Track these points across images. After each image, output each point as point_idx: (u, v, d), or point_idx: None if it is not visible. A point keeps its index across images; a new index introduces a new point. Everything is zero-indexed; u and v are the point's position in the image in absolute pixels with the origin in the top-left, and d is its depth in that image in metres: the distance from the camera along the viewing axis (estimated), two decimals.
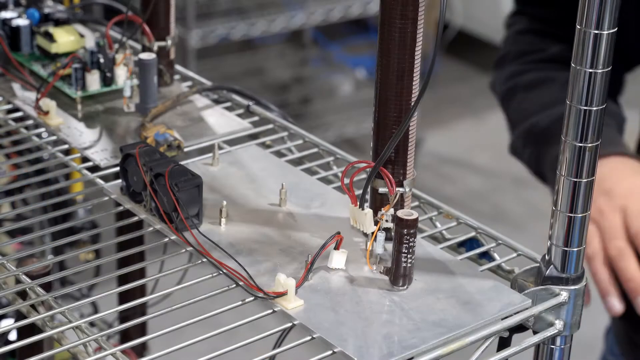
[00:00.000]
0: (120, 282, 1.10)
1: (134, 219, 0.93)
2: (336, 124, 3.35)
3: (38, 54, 1.18)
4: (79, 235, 1.00)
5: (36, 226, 1.31)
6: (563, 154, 0.81)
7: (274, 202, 0.95)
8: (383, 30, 0.85)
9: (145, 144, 0.93)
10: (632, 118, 1.34)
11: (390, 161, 0.88)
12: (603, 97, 0.79)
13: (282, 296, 0.81)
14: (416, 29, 0.84)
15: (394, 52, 0.85)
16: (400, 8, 0.83)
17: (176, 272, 0.89)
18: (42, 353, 0.79)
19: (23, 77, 1.13)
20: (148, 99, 1.09)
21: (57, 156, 1.04)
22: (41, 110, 1.07)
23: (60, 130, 1.06)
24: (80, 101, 1.11)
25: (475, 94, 3.69)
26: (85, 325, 0.81)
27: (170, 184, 0.88)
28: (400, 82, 0.86)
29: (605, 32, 0.77)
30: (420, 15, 0.84)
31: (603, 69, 0.78)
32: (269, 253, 0.88)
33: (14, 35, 1.16)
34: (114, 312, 0.87)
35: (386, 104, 0.87)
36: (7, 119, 1.09)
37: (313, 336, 0.79)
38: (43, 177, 1.08)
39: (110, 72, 1.12)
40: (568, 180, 0.81)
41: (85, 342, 0.79)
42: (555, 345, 0.84)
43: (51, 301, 0.83)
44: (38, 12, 1.19)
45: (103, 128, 1.08)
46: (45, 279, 0.87)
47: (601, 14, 0.76)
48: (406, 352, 0.77)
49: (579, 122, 0.79)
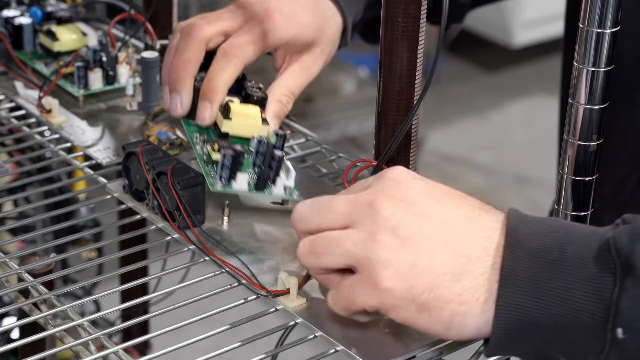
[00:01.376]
0: (122, 280, 1.10)
1: (136, 217, 0.93)
2: (339, 122, 3.35)
3: (40, 52, 1.18)
4: (81, 233, 1.00)
5: (38, 224, 1.31)
6: (565, 152, 0.81)
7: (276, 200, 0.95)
8: (386, 28, 0.85)
9: (147, 143, 0.93)
10: (553, 103, 1.28)
11: (393, 160, 0.88)
12: (605, 96, 0.79)
13: (284, 294, 0.81)
14: (419, 27, 0.84)
15: (396, 51, 0.85)
16: (403, 6, 0.83)
17: (178, 270, 0.89)
18: (44, 351, 0.79)
19: (25, 76, 1.13)
20: (150, 97, 1.09)
21: (60, 154, 1.04)
22: (44, 108, 1.07)
23: (62, 129, 1.06)
24: (83, 99, 1.11)
25: (478, 92, 3.68)
26: (88, 323, 0.81)
27: (173, 182, 0.88)
28: (403, 80, 0.86)
29: (608, 31, 0.77)
30: (423, 13, 0.84)
31: (606, 67, 0.78)
32: (271, 251, 0.88)
33: (16, 34, 1.16)
34: (116, 311, 0.87)
35: (388, 102, 0.86)
36: (9, 117, 1.09)
37: (315, 335, 0.79)
38: (45, 175, 1.08)
39: (113, 70, 1.12)
40: (571, 179, 0.81)
41: (88, 341, 0.79)
42: None
43: (53, 299, 0.83)
44: (41, 11, 1.19)
45: (105, 126, 1.08)
46: (48, 277, 0.87)
47: (604, 13, 0.76)
48: (408, 351, 0.77)
49: (582, 121, 0.79)
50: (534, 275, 0.70)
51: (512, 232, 0.71)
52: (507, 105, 3.66)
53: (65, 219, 1.23)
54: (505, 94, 3.70)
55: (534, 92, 3.58)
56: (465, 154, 3.42)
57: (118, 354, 0.78)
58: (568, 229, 0.72)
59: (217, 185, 0.87)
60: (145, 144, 0.92)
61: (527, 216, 0.73)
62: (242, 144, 0.92)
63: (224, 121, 0.92)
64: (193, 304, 0.83)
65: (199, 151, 0.92)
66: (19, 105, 1.10)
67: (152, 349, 1.31)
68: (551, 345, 0.71)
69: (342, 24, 1.03)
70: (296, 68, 1.01)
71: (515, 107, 3.64)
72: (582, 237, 0.71)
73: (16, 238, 1.06)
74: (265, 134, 0.92)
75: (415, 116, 0.86)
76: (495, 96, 3.69)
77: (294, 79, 1.01)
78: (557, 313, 0.70)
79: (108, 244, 0.97)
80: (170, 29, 1.15)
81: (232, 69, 0.97)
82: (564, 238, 0.70)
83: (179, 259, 0.89)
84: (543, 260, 0.70)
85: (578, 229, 0.72)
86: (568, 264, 0.70)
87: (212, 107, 0.95)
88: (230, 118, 0.92)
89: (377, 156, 0.89)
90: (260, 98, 0.96)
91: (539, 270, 0.70)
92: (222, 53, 0.97)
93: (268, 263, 0.86)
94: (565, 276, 0.69)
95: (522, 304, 0.70)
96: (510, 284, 0.70)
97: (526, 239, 0.71)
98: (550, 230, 0.71)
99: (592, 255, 0.69)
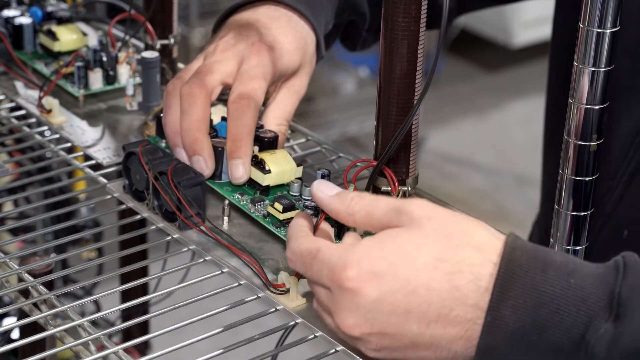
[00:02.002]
0: (122, 280, 1.10)
1: (137, 217, 0.93)
2: (339, 122, 3.35)
3: (41, 52, 1.18)
4: (82, 233, 1.00)
5: (39, 224, 1.31)
6: (566, 152, 0.81)
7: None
8: (386, 28, 0.85)
9: (148, 143, 0.93)
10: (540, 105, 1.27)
11: (393, 160, 0.88)
12: (605, 96, 0.79)
13: (285, 294, 0.81)
14: (419, 27, 0.84)
15: (396, 51, 0.85)
16: (403, 6, 0.83)
17: (178, 270, 0.89)
18: (44, 352, 0.79)
19: (26, 76, 1.13)
20: (151, 97, 1.09)
21: (60, 154, 1.04)
22: (44, 108, 1.07)
23: (62, 129, 1.06)
24: (83, 99, 1.11)
25: (478, 92, 3.69)
26: (88, 323, 0.81)
27: (173, 182, 0.88)
28: (403, 80, 0.86)
29: (608, 31, 0.77)
30: (423, 13, 0.84)
31: (606, 67, 0.78)
32: (271, 251, 0.88)
33: (16, 34, 1.16)
34: (116, 311, 0.87)
35: (389, 102, 0.87)
36: (10, 117, 1.09)
37: (315, 335, 0.79)
38: (45, 175, 1.08)
39: (113, 70, 1.12)
40: (571, 179, 0.81)
41: (88, 341, 0.79)
42: None
43: (53, 299, 0.83)
44: (41, 11, 1.19)
45: (106, 126, 1.08)
46: (48, 277, 0.87)
47: (604, 13, 0.76)
48: None
49: (582, 121, 0.79)
50: (508, 355, 0.70)
51: (494, 311, 0.70)
52: (507, 105, 3.66)
53: (66, 219, 1.23)
54: (505, 94, 3.71)
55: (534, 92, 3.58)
56: (465, 154, 3.42)
57: (118, 354, 0.78)
58: (554, 306, 0.69)
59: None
60: (145, 144, 0.92)
61: (518, 271, 0.70)
62: (281, 191, 0.91)
63: (265, 176, 0.90)
64: (193, 304, 0.83)
65: (254, 213, 0.90)
66: (19, 105, 1.10)
67: (152, 349, 1.31)
68: None
69: (315, 39, 1.02)
70: (287, 94, 0.99)
71: (515, 107, 3.64)
72: (566, 319, 0.69)
73: (16, 238, 1.06)
74: (300, 174, 0.92)
75: (415, 116, 0.86)
76: (495, 96, 3.69)
77: (286, 106, 0.99)
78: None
79: (108, 244, 0.97)
80: (170, 29, 1.15)
81: (251, 117, 0.92)
82: (546, 321, 0.69)
83: (179, 259, 0.89)
84: (521, 341, 0.70)
85: (568, 303, 0.69)
86: (544, 348, 0.69)
87: (245, 163, 0.91)
88: (270, 171, 0.90)
89: (377, 156, 0.89)
90: (273, 138, 0.94)
91: (515, 350, 0.70)
92: (235, 107, 0.92)
93: (268, 263, 0.86)
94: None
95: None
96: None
97: (508, 316, 0.70)
98: (535, 305, 0.69)
99: (570, 344, 0.69)
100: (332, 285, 0.73)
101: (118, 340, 1.37)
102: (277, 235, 0.88)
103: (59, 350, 0.79)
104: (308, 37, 1.01)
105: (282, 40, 0.97)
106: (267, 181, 0.90)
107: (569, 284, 0.70)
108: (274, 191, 0.90)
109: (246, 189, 0.92)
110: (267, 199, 0.90)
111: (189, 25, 3.15)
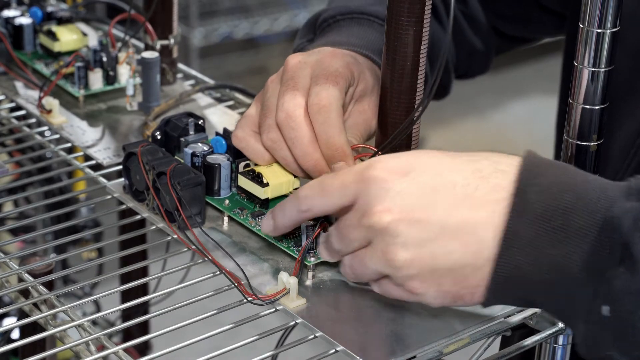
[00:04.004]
0: (122, 280, 1.10)
1: (137, 217, 0.93)
2: None
3: (41, 52, 1.18)
4: (82, 233, 1.00)
5: (39, 224, 1.31)
6: (566, 152, 0.81)
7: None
8: (389, 28, 0.85)
9: (148, 143, 0.93)
10: (553, 103, 1.27)
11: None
12: (605, 96, 0.79)
13: (284, 295, 0.81)
14: (422, 27, 0.84)
15: (399, 50, 0.85)
16: (406, 6, 0.83)
17: (178, 270, 0.89)
18: (44, 352, 0.79)
19: (26, 76, 1.14)
20: (151, 97, 1.09)
21: (60, 154, 1.04)
22: (44, 108, 1.07)
23: (62, 129, 1.06)
24: (83, 100, 1.11)
25: (479, 92, 3.68)
26: (88, 323, 0.81)
27: (173, 182, 0.88)
28: (405, 80, 0.85)
29: (608, 31, 0.77)
30: (427, 13, 0.84)
31: (606, 67, 0.78)
32: (271, 252, 0.88)
33: (16, 34, 1.17)
34: (116, 311, 0.87)
35: (390, 102, 0.86)
36: (10, 117, 1.09)
37: (315, 335, 0.79)
38: (46, 176, 1.08)
39: (113, 70, 1.12)
40: None
41: (88, 341, 0.79)
42: (557, 344, 0.84)
43: (53, 300, 0.83)
44: (41, 11, 1.19)
45: (106, 127, 1.08)
46: (48, 277, 0.87)
47: (604, 13, 0.76)
48: (408, 351, 0.77)
49: (582, 121, 0.79)
50: (535, 239, 0.72)
51: (521, 194, 0.72)
52: (507, 105, 3.66)
53: (66, 219, 1.24)
54: (505, 94, 3.71)
55: (534, 92, 3.58)
56: None
57: (118, 354, 0.78)
58: (577, 191, 0.72)
59: (312, 258, 0.85)
60: (145, 145, 0.92)
61: (539, 168, 0.74)
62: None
63: (263, 189, 0.90)
64: (193, 304, 0.83)
65: (255, 227, 0.89)
66: (20, 105, 1.10)
67: (152, 350, 1.31)
68: (537, 299, 0.74)
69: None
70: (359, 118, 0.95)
71: (515, 107, 3.64)
72: (590, 203, 0.71)
73: (16, 238, 1.06)
74: (298, 184, 0.92)
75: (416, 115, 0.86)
76: (495, 96, 3.69)
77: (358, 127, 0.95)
78: (551, 278, 0.72)
79: (108, 244, 0.97)
80: (170, 29, 1.15)
81: (338, 124, 0.89)
82: (570, 205, 0.71)
83: (179, 260, 0.89)
84: (547, 226, 0.71)
85: (589, 190, 0.72)
86: (570, 232, 0.71)
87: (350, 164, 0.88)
88: (267, 184, 0.90)
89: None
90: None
91: (542, 235, 0.71)
92: (316, 109, 0.88)
93: (268, 263, 0.86)
94: (565, 246, 0.71)
95: (520, 265, 0.72)
96: (513, 246, 0.72)
97: (534, 200, 0.72)
98: (560, 190, 0.72)
99: (596, 229, 0.71)
100: (359, 183, 0.75)
101: (118, 340, 1.37)
102: (277, 235, 0.88)
103: (59, 350, 0.79)
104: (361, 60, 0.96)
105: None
106: (266, 194, 0.90)
107: (587, 178, 0.73)
108: (274, 203, 0.90)
109: (246, 203, 0.92)
110: (267, 212, 0.90)
111: (189, 25, 3.15)
